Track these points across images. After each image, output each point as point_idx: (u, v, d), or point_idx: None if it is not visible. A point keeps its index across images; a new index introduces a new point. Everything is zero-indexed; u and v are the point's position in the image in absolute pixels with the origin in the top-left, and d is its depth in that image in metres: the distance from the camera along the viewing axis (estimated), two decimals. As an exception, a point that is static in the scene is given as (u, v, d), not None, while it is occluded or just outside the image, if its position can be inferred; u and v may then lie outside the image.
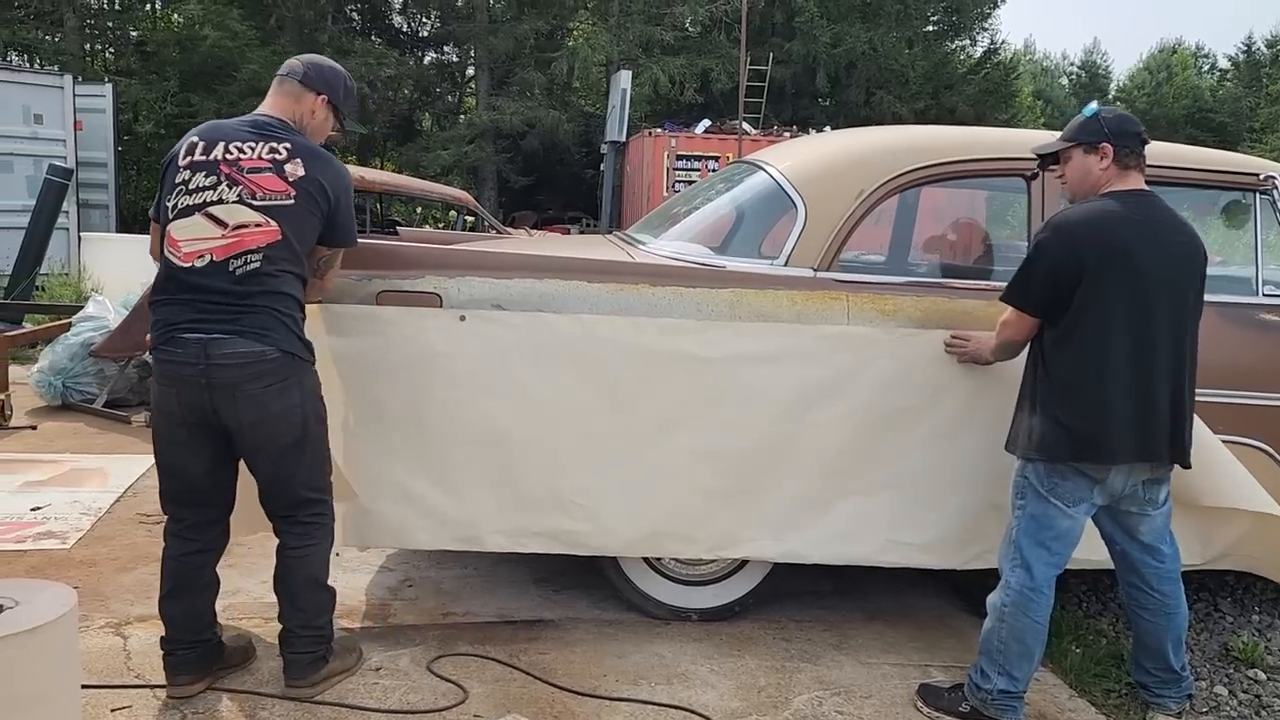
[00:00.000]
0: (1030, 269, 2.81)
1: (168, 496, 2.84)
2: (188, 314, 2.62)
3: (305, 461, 2.76)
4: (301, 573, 2.83)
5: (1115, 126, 2.85)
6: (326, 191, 2.70)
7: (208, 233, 2.61)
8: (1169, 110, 38.47)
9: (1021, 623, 2.84)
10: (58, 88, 12.06)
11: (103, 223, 13.03)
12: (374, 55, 19.55)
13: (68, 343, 6.39)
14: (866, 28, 22.63)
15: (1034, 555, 2.83)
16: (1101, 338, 2.72)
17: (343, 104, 2.89)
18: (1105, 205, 2.79)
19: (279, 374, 2.64)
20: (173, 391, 2.67)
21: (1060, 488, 2.79)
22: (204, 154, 2.67)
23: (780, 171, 3.58)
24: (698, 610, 3.51)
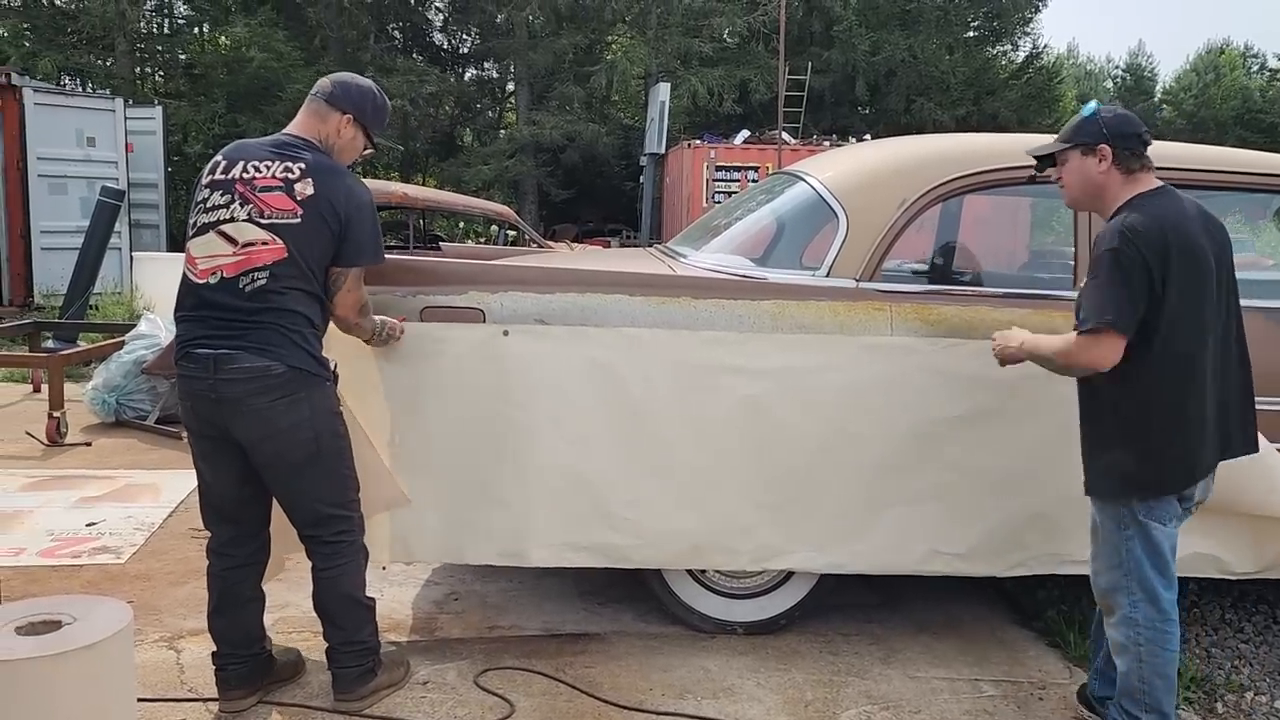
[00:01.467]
0: (1116, 285, 2.53)
1: (205, 511, 2.91)
2: (200, 330, 2.68)
3: (320, 478, 2.78)
4: (336, 592, 2.85)
5: (1114, 127, 2.68)
6: (336, 210, 2.69)
7: (220, 250, 2.67)
8: (1217, 112, 37.75)
9: (1160, 657, 2.68)
10: (109, 111, 12.34)
11: (154, 242, 13.28)
12: (415, 73, 19.77)
13: (121, 360, 6.51)
14: (906, 35, 22.49)
15: (1155, 585, 2.66)
16: (1191, 347, 2.58)
17: (371, 122, 2.88)
18: (1157, 206, 2.62)
19: (285, 389, 2.66)
20: (190, 406, 2.74)
21: (1155, 510, 2.65)
22: (224, 173, 2.73)
23: (821, 182, 3.57)
24: (743, 624, 3.49)
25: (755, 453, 3.16)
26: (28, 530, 4.38)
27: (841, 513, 3.22)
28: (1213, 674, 3.40)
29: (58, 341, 7.99)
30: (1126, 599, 2.69)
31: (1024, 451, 3.17)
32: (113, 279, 11.11)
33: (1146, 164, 2.71)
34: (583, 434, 3.14)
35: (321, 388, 2.76)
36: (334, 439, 2.79)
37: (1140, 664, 2.69)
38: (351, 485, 2.86)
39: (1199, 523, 2.82)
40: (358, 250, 2.76)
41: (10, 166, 11.19)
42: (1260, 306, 3.32)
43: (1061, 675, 3.31)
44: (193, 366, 2.67)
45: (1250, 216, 6.64)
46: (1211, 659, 3.53)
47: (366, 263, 2.80)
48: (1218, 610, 3.93)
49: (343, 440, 2.83)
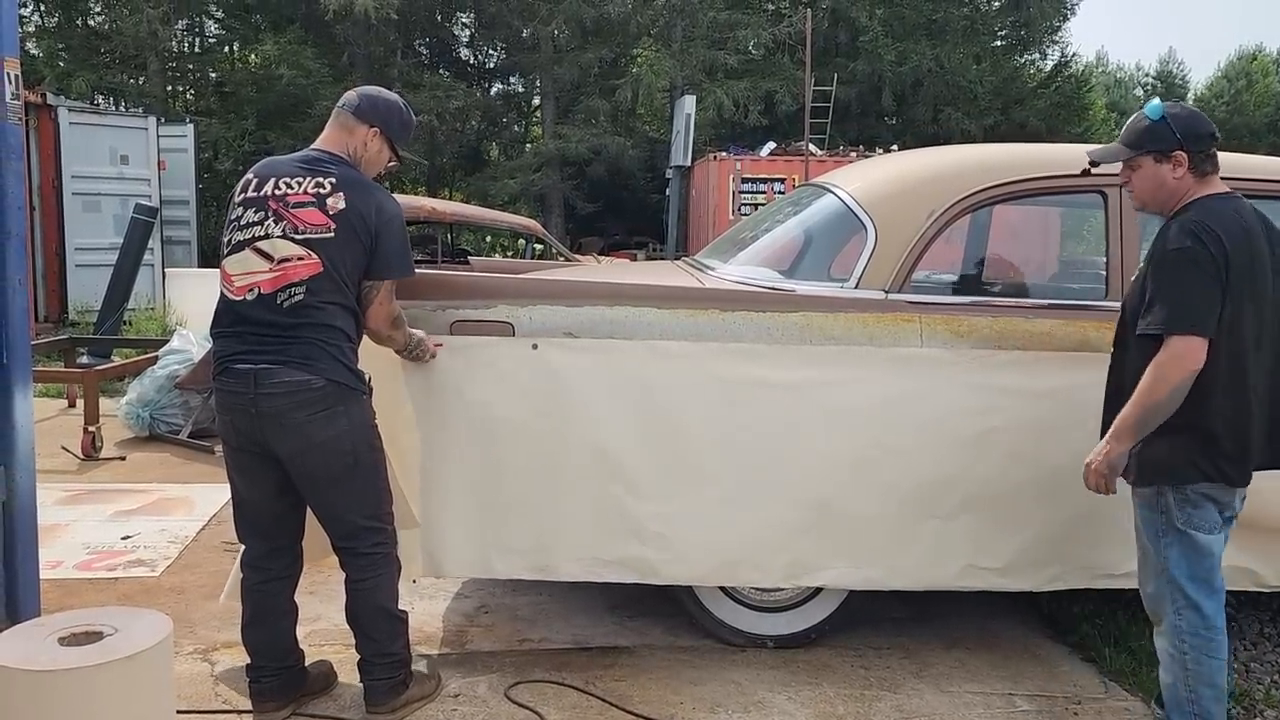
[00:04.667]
0: (1192, 286, 2.47)
1: (239, 524, 2.94)
2: (238, 345, 2.71)
3: (357, 491, 2.80)
4: (369, 604, 2.87)
5: (1187, 129, 2.59)
6: (368, 224, 2.72)
7: (256, 267, 2.70)
8: (1250, 119, 37.31)
9: (1206, 666, 2.64)
10: (142, 129, 12.53)
11: (186, 258, 13.45)
12: (442, 88, 19.94)
13: (154, 375, 6.59)
14: (932, 44, 22.40)
15: (1198, 591, 2.62)
16: (1245, 351, 2.54)
17: (397, 135, 2.91)
18: (1225, 209, 2.57)
19: (324, 403, 2.68)
20: (228, 420, 2.77)
21: (1194, 516, 2.61)
22: (256, 190, 2.78)
23: (849, 193, 3.57)
24: (774, 637, 3.48)
25: (787, 467, 3.15)
26: (65, 543, 4.44)
27: (876, 528, 3.20)
28: (1252, 689, 3.35)
29: (92, 357, 8.09)
30: (1170, 607, 2.67)
31: (1059, 463, 3.14)
32: (146, 295, 11.26)
33: (1217, 165, 2.65)
34: (612, 447, 3.15)
35: (358, 401, 2.78)
36: (370, 452, 2.82)
37: (1186, 673, 2.66)
38: (386, 498, 2.89)
39: (1233, 536, 2.78)
40: (387, 263, 2.78)
41: (46, 184, 11.38)
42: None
43: (1097, 690, 3.27)
44: (232, 381, 2.71)
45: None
46: (1251, 673, 3.47)
47: (396, 275, 2.82)
48: (1256, 624, 3.87)
49: (379, 453, 2.85)
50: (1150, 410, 2.52)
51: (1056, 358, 3.20)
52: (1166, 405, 2.51)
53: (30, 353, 3.00)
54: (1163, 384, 2.49)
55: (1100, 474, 2.63)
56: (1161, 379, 2.49)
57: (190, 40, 22.44)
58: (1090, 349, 3.18)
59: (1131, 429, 2.56)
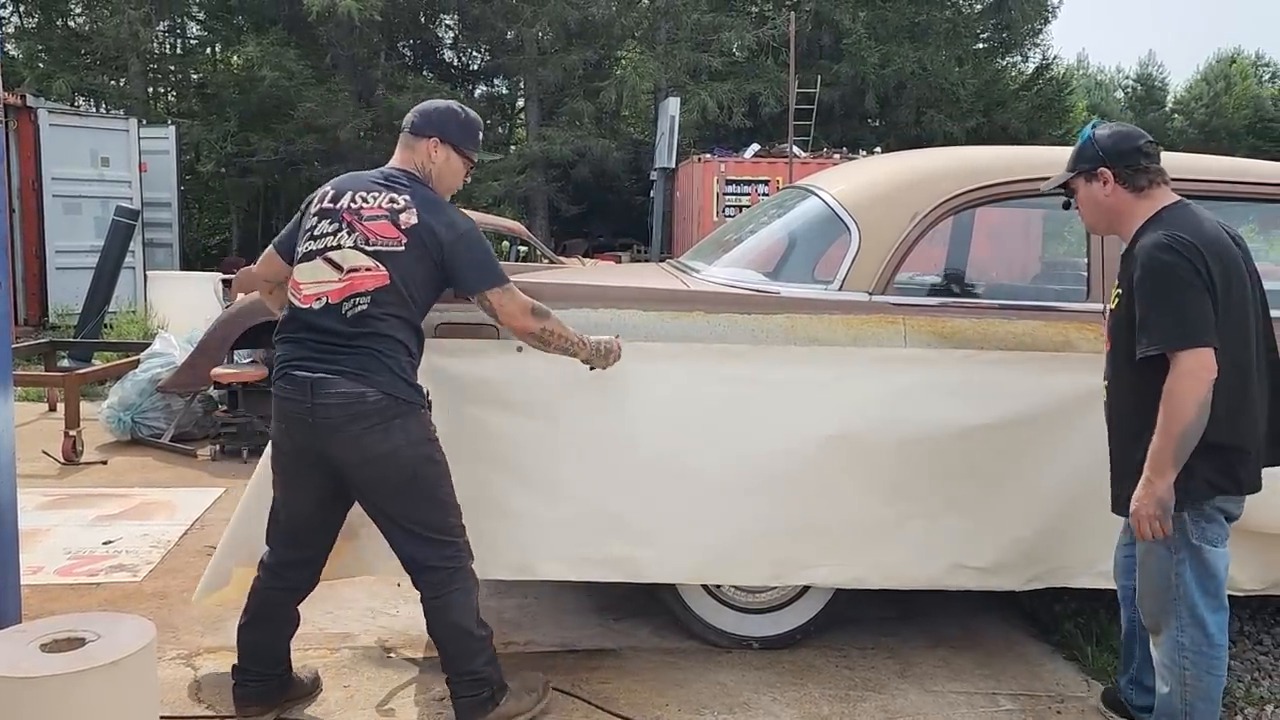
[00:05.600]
0: (1185, 298, 2.44)
1: (272, 528, 2.90)
2: (299, 352, 2.71)
3: (418, 504, 2.76)
4: (444, 621, 2.81)
5: (1110, 146, 2.61)
6: (439, 239, 2.72)
7: (326, 276, 2.72)
8: (1230, 121, 37.67)
9: (1205, 682, 2.62)
10: (123, 131, 12.46)
11: (167, 261, 13.38)
12: (426, 90, 19.83)
13: (136, 379, 6.56)
14: (915, 47, 22.50)
15: (1206, 608, 2.59)
16: (1241, 356, 2.53)
17: (459, 139, 2.90)
18: (1187, 217, 2.56)
19: (379, 416, 2.66)
20: (284, 427, 2.75)
21: (1209, 530, 2.58)
22: (332, 202, 2.80)
23: (833, 196, 3.58)
24: (759, 638, 3.49)
25: (773, 467, 3.16)
26: (45, 549, 4.41)
27: (863, 527, 3.21)
28: (1232, 687, 3.37)
29: (73, 360, 8.04)
30: (1175, 622, 2.63)
31: (1041, 462, 3.17)
32: (127, 298, 11.19)
33: (1156, 179, 2.64)
34: (597, 448, 3.15)
35: (416, 414, 2.75)
36: (430, 465, 2.77)
37: (1184, 687, 2.64)
38: (453, 510, 2.82)
39: None
40: (479, 277, 2.77)
41: (26, 186, 11.30)
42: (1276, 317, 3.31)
43: (1079, 688, 3.29)
44: (290, 389, 2.70)
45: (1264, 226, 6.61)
46: (1231, 672, 3.49)
47: (493, 283, 2.78)
48: (1236, 623, 3.90)
49: (440, 466, 2.80)
50: (1183, 435, 2.43)
51: (1038, 358, 3.22)
52: (1197, 424, 2.42)
53: (10, 356, 2.97)
54: (1187, 403, 2.41)
55: (1155, 517, 2.48)
56: (1184, 399, 2.41)
57: (172, 41, 22.31)
58: (1071, 350, 3.20)
59: (1171, 460, 2.45)
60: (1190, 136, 35.83)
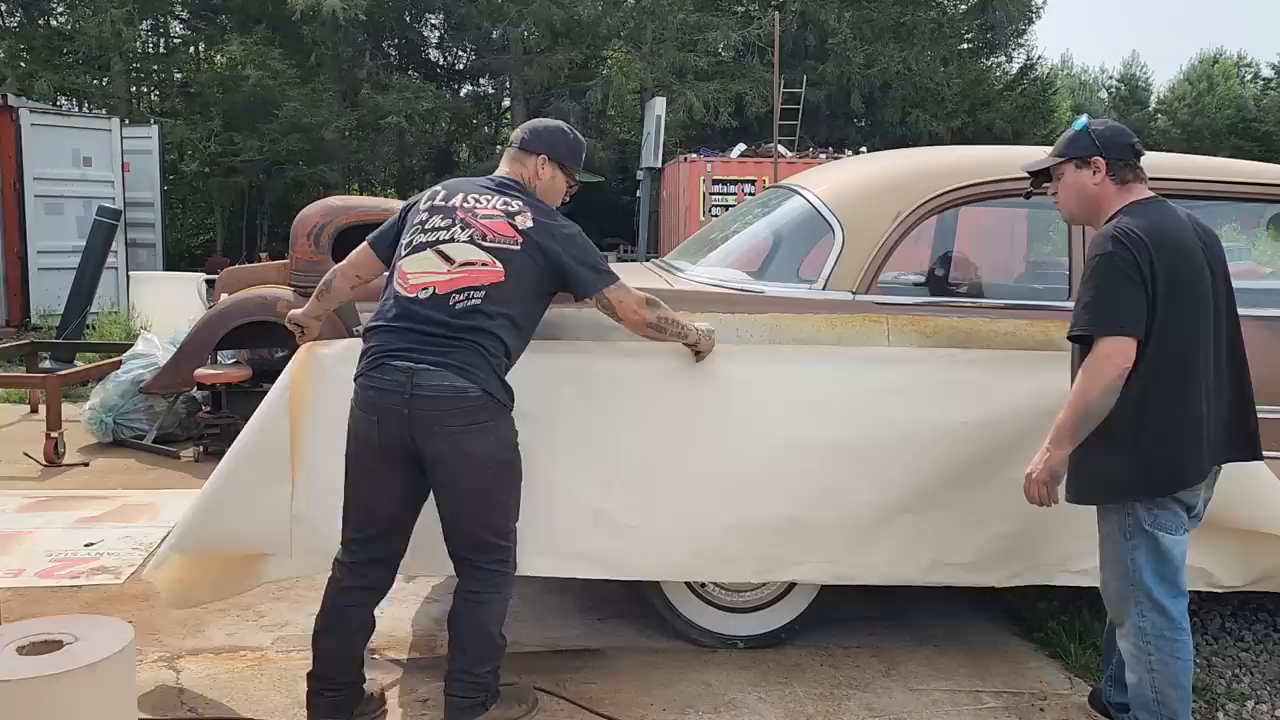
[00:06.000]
0: (1115, 288, 2.55)
1: (349, 525, 2.85)
2: (399, 342, 2.68)
3: (490, 506, 2.76)
4: (475, 618, 2.80)
5: (1106, 139, 2.72)
6: (555, 244, 2.76)
7: (435, 267, 2.72)
8: (1212, 121, 37.88)
9: (1172, 666, 2.67)
10: (105, 130, 12.37)
11: (150, 261, 13.28)
12: (411, 90, 19.81)
13: (118, 380, 6.52)
14: (900, 47, 22.58)
15: (1164, 594, 2.65)
16: (1186, 352, 2.59)
17: (566, 159, 2.94)
18: (1149, 213, 2.64)
19: (477, 415, 2.65)
20: (374, 420, 2.70)
21: (1162, 518, 2.64)
22: (444, 200, 2.83)
23: (817, 195, 3.59)
24: (744, 637, 3.49)
25: (758, 464, 3.16)
26: (26, 551, 4.37)
27: (847, 523, 3.21)
28: (1214, 683, 3.40)
29: (55, 362, 7.98)
30: (1134, 608, 2.69)
31: (1024, 460, 3.17)
32: (109, 299, 11.11)
33: (1139, 175, 2.74)
34: (582, 446, 3.14)
35: (507, 417, 2.76)
36: (510, 470, 2.78)
37: (1152, 673, 2.69)
38: (514, 515, 2.83)
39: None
40: (591, 280, 2.82)
41: (7, 187, 11.22)
42: (1257, 315, 3.34)
43: (1062, 686, 3.31)
44: (385, 379, 2.66)
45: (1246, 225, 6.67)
46: (1212, 668, 3.53)
47: (610, 282, 2.84)
48: (1218, 619, 3.93)
49: (518, 472, 2.81)
50: (1083, 412, 2.56)
51: (1021, 357, 3.23)
52: (1099, 406, 2.54)
53: (-10, 358, 2.95)
54: (1094, 385, 2.53)
55: (1041, 482, 2.65)
56: (1092, 380, 2.54)
57: (155, 41, 22.15)
58: (1053, 348, 3.21)
59: (1068, 433, 2.59)
60: (1174, 136, 36.02)
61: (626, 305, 2.85)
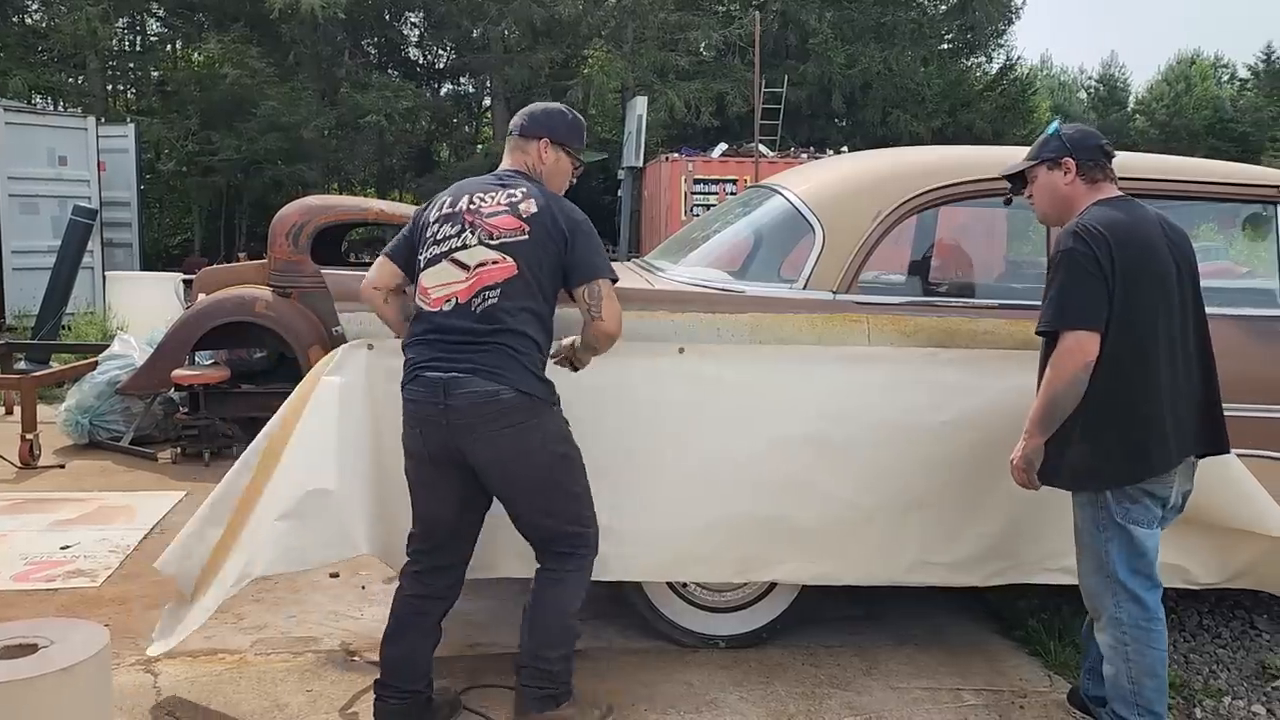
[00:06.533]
0: (1076, 284, 2.63)
1: (412, 536, 2.88)
2: (429, 353, 2.69)
3: (554, 499, 2.76)
4: (550, 596, 2.79)
5: (1076, 140, 2.81)
6: (561, 225, 2.73)
7: (453, 277, 2.71)
8: (1190, 121, 38.21)
9: (1148, 656, 2.72)
10: (81, 129, 12.24)
11: (127, 261, 13.16)
12: (391, 88, 19.72)
13: (94, 381, 6.46)
14: (881, 47, 22.67)
15: (1138, 585, 2.71)
16: (1145, 345, 2.65)
17: (566, 139, 2.92)
18: (1112, 209, 2.71)
19: (514, 416, 2.64)
20: (418, 432, 2.72)
21: (1133, 511, 2.70)
22: (450, 207, 2.81)
23: (797, 195, 3.59)
24: (725, 637, 3.49)
25: (739, 464, 3.16)
26: (1, 554, 4.33)
27: (828, 523, 3.22)
28: (1191, 679, 3.42)
29: (30, 363, 7.91)
30: (1111, 600, 2.74)
31: (1003, 459, 3.18)
32: (85, 299, 11.02)
33: (1109, 175, 2.81)
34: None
35: (549, 412, 2.74)
36: (566, 461, 2.77)
37: (1128, 664, 2.73)
38: (586, 502, 2.82)
39: (1163, 535, 2.84)
40: (593, 264, 2.76)
41: (-19, 186, 11.09)
42: (1233, 314, 3.37)
43: (1042, 683, 3.33)
44: (422, 391, 2.68)
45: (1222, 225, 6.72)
46: (1190, 664, 3.55)
47: (608, 273, 2.79)
48: (1195, 616, 3.96)
49: (575, 460, 2.80)
50: (1051, 403, 2.66)
51: (1000, 356, 3.24)
52: (1065, 397, 2.64)
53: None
54: (1059, 377, 2.63)
55: (1020, 469, 2.77)
56: (1058, 372, 2.64)
57: (131, 39, 21.97)
58: (1032, 348, 3.21)
59: (1039, 423, 2.70)
60: (1152, 137, 36.33)
61: (613, 305, 2.78)
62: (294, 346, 6.30)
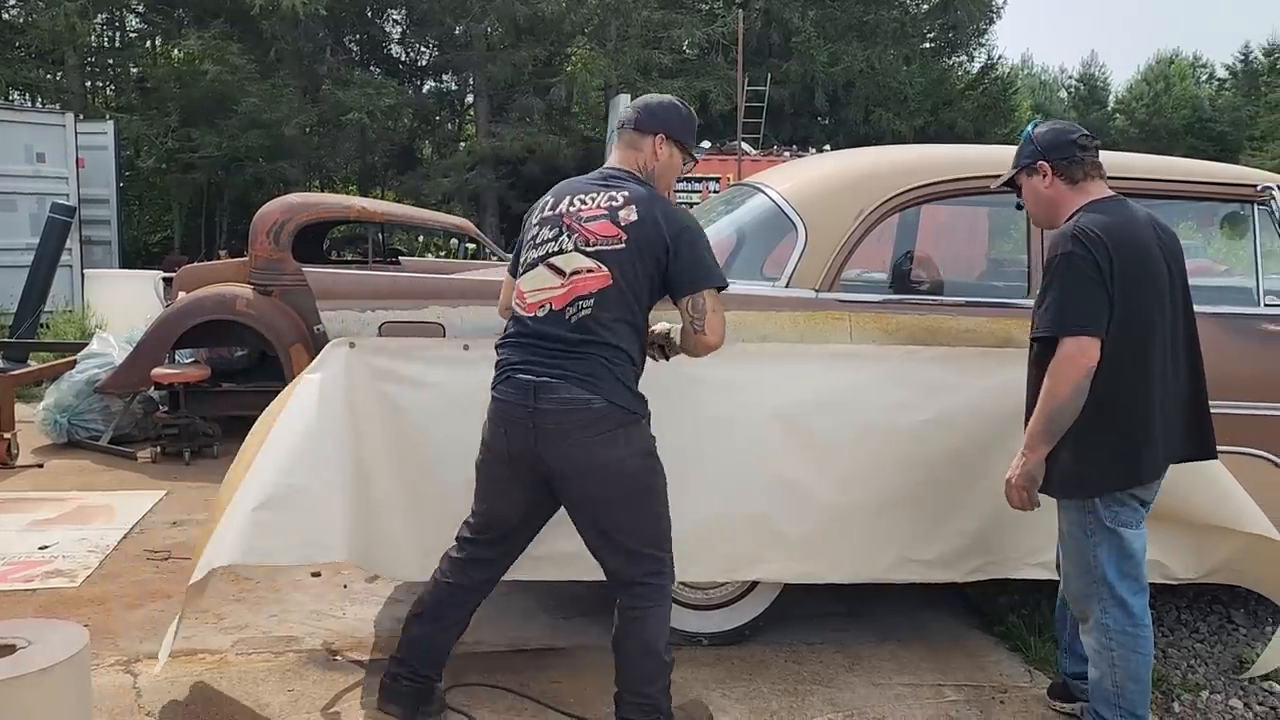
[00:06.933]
0: (1075, 288, 2.56)
1: (466, 524, 2.87)
2: (523, 355, 2.65)
3: (631, 517, 2.69)
4: (634, 635, 2.72)
5: (1046, 142, 2.75)
6: (663, 234, 2.62)
7: (549, 283, 2.65)
8: (1169, 121, 38.52)
9: (1133, 661, 2.70)
10: (59, 126, 12.15)
11: (106, 259, 13.07)
12: (373, 86, 19.65)
13: (73, 380, 6.40)
14: (864, 46, 22.75)
15: (1125, 589, 2.68)
16: (1143, 348, 2.61)
17: (681, 134, 2.83)
18: (1106, 212, 2.66)
19: (603, 425, 2.59)
20: (502, 432, 2.68)
21: (1121, 514, 2.67)
22: (551, 209, 2.74)
23: (780, 193, 3.60)
24: (708, 634, 3.49)
25: (722, 463, 3.17)
26: (-22, 554, 4.29)
27: (812, 522, 3.22)
28: (1169, 674, 3.45)
29: (8, 361, 7.82)
30: (1098, 605, 2.72)
31: (984, 456, 3.20)
32: (64, 297, 10.93)
33: (1091, 172, 2.75)
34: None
35: (637, 425, 2.68)
36: (650, 477, 2.71)
37: (1113, 668, 2.72)
38: (664, 525, 2.74)
39: None
40: (701, 272, 2.65)
41: (-42, 183, 10.99)
42: (1212, 312, 3.39)
43: (1022, 679, 3.35)
44: (512, 392, 2.63)
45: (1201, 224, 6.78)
46: (1168, 659, 3.58)
47: (715, 283, 2.66)
48: (1174, 611, 4.00)
49: (659, 479, 2.73)
50: (1055, 414, 2.58)
51: (982, 354, 3.26)
52: (1069, 406, 2.56)
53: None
54: (1062, 385, 2.56)
55: (1021, 488, 2.68)
56: (1060, 381, 2.56)
57: (110, 35, 21.80)
58: (1013, 345, 3.25)
59: (1041, 436, 2.62)
60: (1131, 136, 36.62)
61: (717, 318, 2.65)
62: (275, 345, 6.27)
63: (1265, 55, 39.19)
